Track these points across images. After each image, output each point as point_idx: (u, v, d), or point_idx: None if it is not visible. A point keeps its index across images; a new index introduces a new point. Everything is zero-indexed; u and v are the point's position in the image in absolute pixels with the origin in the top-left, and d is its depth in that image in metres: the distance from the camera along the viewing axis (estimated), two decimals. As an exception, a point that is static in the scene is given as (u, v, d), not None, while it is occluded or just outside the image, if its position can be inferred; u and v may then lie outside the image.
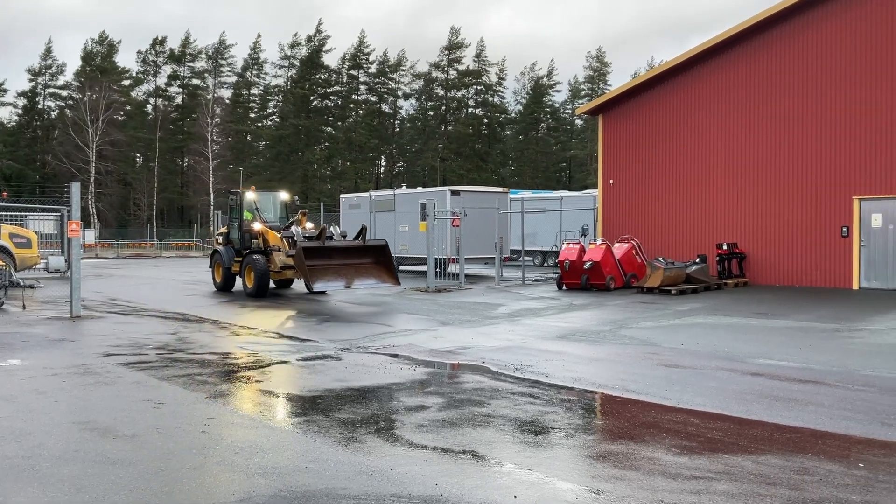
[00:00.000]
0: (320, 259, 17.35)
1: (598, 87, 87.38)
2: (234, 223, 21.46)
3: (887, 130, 19.04)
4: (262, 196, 21.89)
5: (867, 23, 19.49)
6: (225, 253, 21.25)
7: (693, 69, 23.11)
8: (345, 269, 17.56)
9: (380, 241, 18.83)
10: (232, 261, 20.96)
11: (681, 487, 5.19)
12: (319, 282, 16.98)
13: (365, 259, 18.09)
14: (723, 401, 7.97)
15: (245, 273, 19.91)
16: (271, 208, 22.18)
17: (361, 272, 17.75)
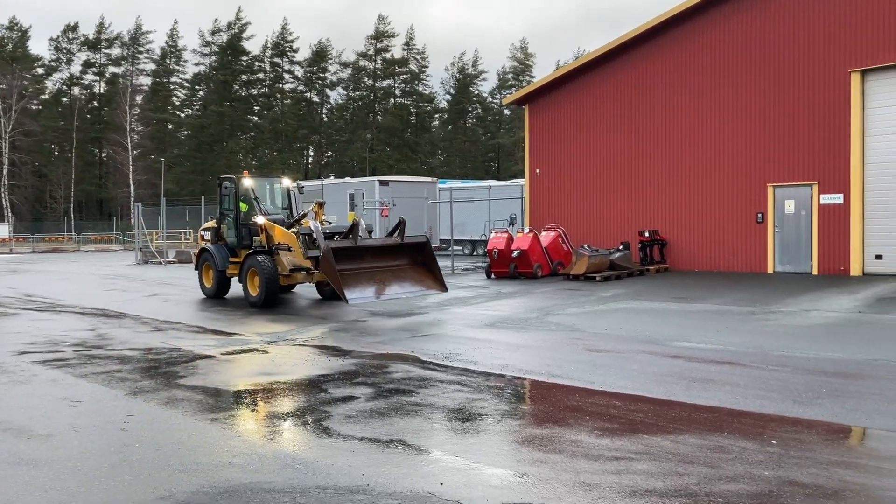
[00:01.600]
0: (351, 262, 13.60)
1: (525, 78, 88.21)
2: (228, 216, 17.45)
3: (798, 120, 19.80)
4: (259, 182, 17.95)
5: (780, 15, 20.18)
6: (217, 253, 17.22)
7: (615, 60, 23.54)
8: (380, 273, 13.97)
9: (419, 237, 14.93)
10: (227, 262, 17.11)
11: (602, 468, 5.32)
12: (354, 290, 13.17)
13: (401, 260, 14.46)
14: (644, 383, 8.18)
15: (247, 278, 15.84)
16: (270, 197, 18.19)
17: (400, 276, 14.16)
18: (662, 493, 4.80)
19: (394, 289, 13.79)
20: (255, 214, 16.49)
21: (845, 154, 18.93)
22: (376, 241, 14.38)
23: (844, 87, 18.92)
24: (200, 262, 17.97)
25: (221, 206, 17.62)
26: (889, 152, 18.43)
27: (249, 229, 16.73)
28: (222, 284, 17.38)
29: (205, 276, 17.89)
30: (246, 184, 17.09)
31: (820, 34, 19.37)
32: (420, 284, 14.23)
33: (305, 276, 15.82)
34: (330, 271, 13.16)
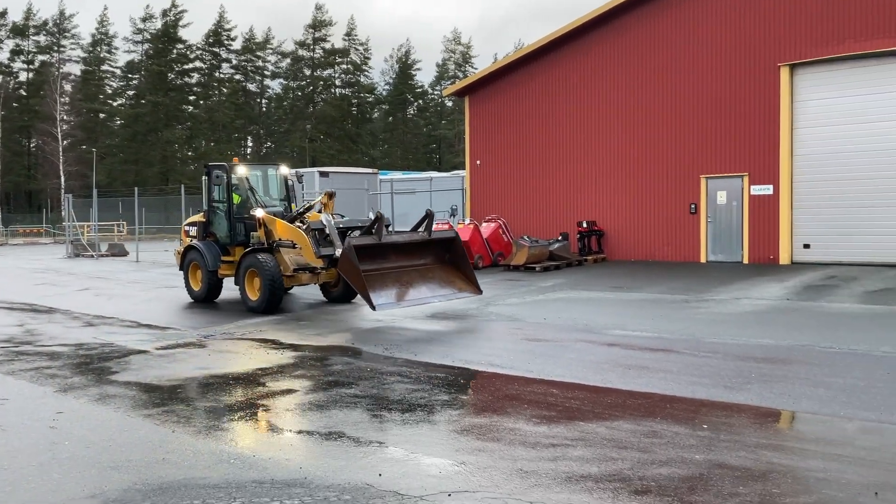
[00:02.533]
0: (373, 261, 11.96)
1: (466, 69, 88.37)
2: (219, 209, 15.19)
3: (731, 113, 20.31)
4: (253, 171, 15.70)
5: (715, 9, 20.64)
6: (207, 251, 14.89)
7: (554, 52, 23.75)
8: (406, 273, 12.38)
9: (448, 232, 13.28)
10: (218, 261, 14.90)
11: (539, 455, 5.39)
12: (379, 294, 11.56)
13: (427, 258, 12.92)
14: (581, 371, 8.31)
15: (245, 280, 13.72)
16: (264, 187, 15.76)
17: (427, 277, 12.61)
18: (597, 479, 4.89)
19: (422, 292, 12.21)
20: (252, 207, 14.47)
21: (775, 146, 19.49)
22: (402, 236, 12.78)
23: (774, 81, 19.46)
24: (186, 262, 15.54)
25: (210, 198, 15.35)
26: (816, 144, 19.05)
27: (245, 224, 14.63)
28: (213, 286, 15.06)
29: (192, 277, 15.48)
30: (240, 172, 14.89)
31: (751, 29, 19.87)
32: (450, 286, 12.68)
33: (311, 276, 13.86)
34: (352, 272, 11.43)
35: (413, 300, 12.01)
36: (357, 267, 11.35)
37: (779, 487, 4.68)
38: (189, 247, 15.47)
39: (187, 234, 16.12)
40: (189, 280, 15.53)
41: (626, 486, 4.74)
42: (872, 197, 18.21)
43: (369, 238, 12.10)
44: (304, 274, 13.71)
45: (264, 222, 13.78)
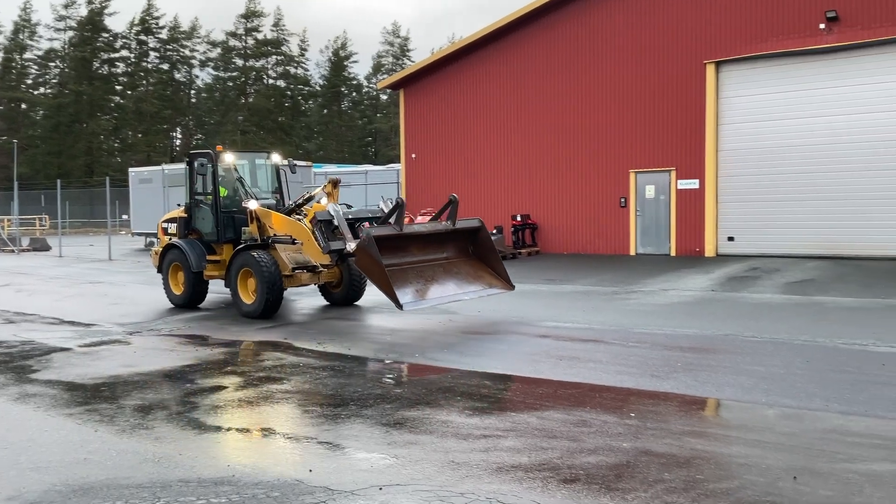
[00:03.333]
0: (393, 255, 10.74)
1: (402, 62, 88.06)
2: (203, 203, 13.44)
3: (659, 108, 20.76)
4: (240, 160, 13.88)
5: (645, 7, 21.04)
6: (191, 250, 13.08)
7: (488, 47, 23.85)
8: (430, 268, 11.19)
9: (472, 221, 11.96)
10: (204, 261, 13.11)
11: (471, 447, 5.42)
12: (405, 292, 10.30)
13: (450, 250, 11.72)
14: (514, 362, 8.39)
15: (238, 281, 12.19)
16: (252, 178, 14.01)
17: (453, 272, 11.36)
18: (527, 468, 4.94)
19: (449, 288, 10.95)
20: (243, 199, 12.95)
21: (701, 142, 20.02)
22: (425, 226, 11.53)
23: (701, 78, 19.97)
24: (166, 263, 13.63)
25: (193, 190, 13.58)
26: (740, 140, 19.64)
27: (234, 218, 13.09)
28: (198, 289, 13.31)
29: (172, 279, 13.60)
30: (227, 160, 13.26)
31: (679, 27, 20.34)
32: (479, 281, 11.44)
33: (310, 275, 12.46)
34: (373, 267, 10.13)
35: (440, 297, 10.75)
36: (379, 261, 10.02)
37: (702, 473, 4.81)
38: (169, 246, 13.56)
39: (165, 231, 14.21)
40: (169, 283, 13.64)
41: (556, 475, 4.80)
42: (793, 191, 18.88)
43: (389, 228, 10.73)
44: (303, 273, 12.30)
45: (258, 216, 12.34)
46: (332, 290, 13.50)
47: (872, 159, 17.80)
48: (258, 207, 12.37)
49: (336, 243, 11.13)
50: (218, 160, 13.17)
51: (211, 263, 13.15)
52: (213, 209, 13.23)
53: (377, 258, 10.03)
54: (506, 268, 11.82)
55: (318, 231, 11.25)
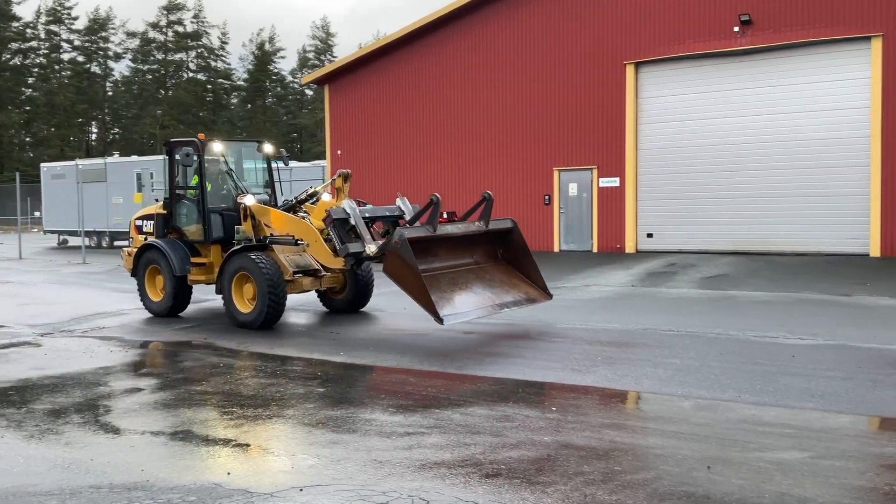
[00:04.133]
0: (422, 259, 9.41)
1: (327, 58, 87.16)
2: (187, 198, 11.98)
3: (581, 108, 21.12)
4: (230, 149, 12.38)
5: (566, 8, 21.37)
6: (172, 251, 11.65)
7: (414, 44, 23.82)
8: (462, 274, 10.03)
9: (504, 221, 10.92)
10: (188, 264, 11.66)
11: (394, 445, 5.39)
12: (442, 301, 9.10)
13: (479, 254, 10.61)
14: (439, 359, 8.39)
15: (232, 286, 10.80)
16: (239, 170, 12.51)
17: (485, 279, 10.20)
18: (450, 465, 4.95)
19: (485, 298, 9.76)
20: (236, 194, 11.65)
21: (621, 140, 20.47)
22: (457, 227, 10.21)
23: (621, 79, 20.42)
24: (142, 266, 12.10)
25: (173, 184, 12.09)
26: (659, 139, 20.17)
27: (223, 216, 11.71)
28: (180, 296, 11.84)
29: (150, 285, 12.10)
30: (215, 150, 11.81)
31: (601, 27, 20.73)
32: (516, 290, 10.25)
33: (312, 280, 11.15)
34: (407, 274, 8.95)
35: (478, 309, 9.52)
36: (415, 267, 8.87)
37: (620, 465, 4.91)
38: (146, 246, 12.01)
39: (140, 230, 12.67)
40: (146, 289, 12.07)
41: (478, 471, 4.82)
42: (708, 189, 19.50)
43: (423, 230, 9.58)
44: (304, 278, 10.97)
45: (253, 213, 11.07)
46: (334, 297, 12.15)
47: (782, 159, 18.53)
48: (255, 204, 11.13)
49: (354, 245, 9.86)
50: (205, 150, 11.68)
51: (195, 266, 11.68)
52: (198, 205, 11.71)
53: (412, 263, 8.85)
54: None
55: (333, 231, 9.94)
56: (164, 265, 11.73)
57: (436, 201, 9.57)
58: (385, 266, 9.20)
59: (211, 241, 11.69)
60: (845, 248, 17.63)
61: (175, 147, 12.00)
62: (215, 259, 11.62)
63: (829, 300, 12.01)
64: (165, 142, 12.59)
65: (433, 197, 9.64)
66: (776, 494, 4.34)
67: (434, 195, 9.68)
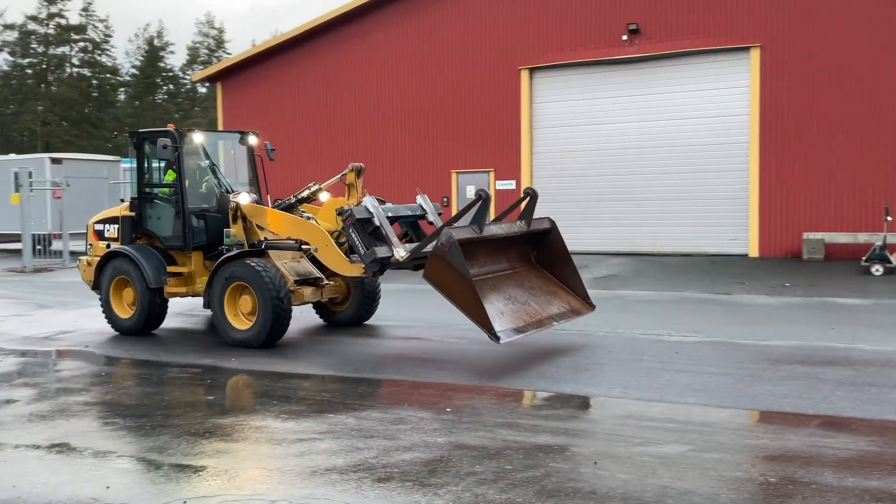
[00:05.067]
0: (471, 263, 8.22)
1: (220, 54, 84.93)
2: (161, 198, 10.41)
3: (479, 112, 21.36)
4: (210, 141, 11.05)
5: (464, 13, 21.57)
6: (145, 259, 10.02)
7: (307, 44, 23.48)
8: (501, 281, 8.85)
9: (542, 220, 9.57)
10: (164, 274, 10.04)
11: (285, 452, 5.29)
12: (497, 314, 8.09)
13: (513, 258, 9.37)
14: (334, 363, 8.29)
15: (225, 298, 9.27)
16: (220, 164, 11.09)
17: (526, 287, 9.06)
18: (342, 470, 4.89)
19: (533, 309, 8.67)
20: (234, 192, 10.13)
21: (517, 144, 20.83)
22: (500, 227, 9.02)
23: (516, 84, 20.77)
24: (107, 277, 10.37)
25: (143, 181, 10.53)
26: (552, 143, 20.63)
27: (206, 218, 10.20)
28: (155, 311, 10.20)
29: (116, 299, 10.38)
30: (196, 141, 10.40)
31: (497, 33, 21.01)
32: (558, 300, 9.18)
33: (314, 290, 9.79)
34: (455, 282, 7.80)
35: (531, 323, 8.40)
36: (466, 274, 7.73)
37: (511, 463, 4.97)
38: (111, 254, 10.35)
39: (100, 235, 11.01)
40: (112, 304, 10.36)
41: (371, 475, 4.78)
42: (600, 192, 20.09)
43: (467, 230, 8.36)
44: (306, 288, 9.62)
45: (245, 213, 9.74)
46: (335, 308, 10.80)
47: (669, 163, 19.28)
48: (249, 203, 9.81)
49: (381, 249, 8.69)
50: (185, 141, 10.21)
51: (172, 277, 10.14)
52: (176, 206, 10.13)
53: (463, 270, 7.75)
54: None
55: (354, 233, 8.66)
56: (135, 276, 10.03)
57: (485, 197, 8.44)
58: (427, 271, 8.05)
59: (193, 247, 10.12)
60: (727, 249, 18.52)
61: (145, 138, 10.56)
62: (196, 268, 10.16)
63: (711, 298, 12.59)
64: (132, 132, 11.12)
65: (482, 192, 8.48)
66: (658, 488, 4.50)
67: (483, 191, 8.52)
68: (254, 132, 11.34)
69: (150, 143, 10.45)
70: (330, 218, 9.79)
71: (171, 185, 10.28)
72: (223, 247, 9.76)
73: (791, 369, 7.51)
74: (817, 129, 17.41)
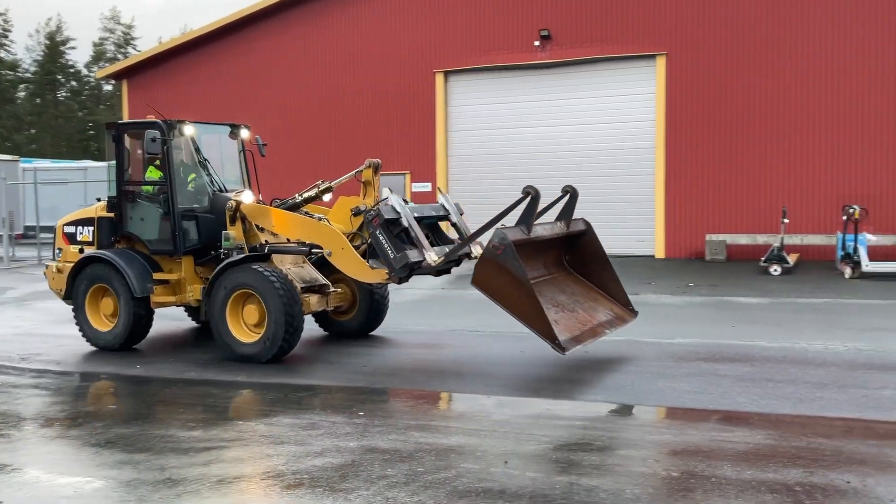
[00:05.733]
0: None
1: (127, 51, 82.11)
2: (144, 197, 9.43)
3: (395, 115, 21.34)
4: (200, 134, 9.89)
5: (379, 15, 21.50)
6: (127, 264, 8.95)
7: (220, 42, 22.97)
8: (544, 286, 8.16)
9: (576, 222, 9.05)
10: (150, 281, 8.98)
11: (191, 461, 5.14)
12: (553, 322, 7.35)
13: (549, 262, 8.75)
14: (244, 369, 8.11)
15: (227, 308, 8.35)
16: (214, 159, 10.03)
17: (568, 293, 8.44)
18: (250, 478, 4.80)
19: (583, 316, 8.09)
20: (240, 191, 9.49)
21: (432, 146, 20.91)
22: (545, 228, 8.41)
23: (431, 87, 20.85)
24: (82, 286, 9.26)
25: (123, 177, 9.48)
26: (468, 146, 20.78)
27: (197, 219, 9.19)
28: (140, 323, 9.09)
29: (93, 310, 9.26)
30: (187, 133, 9.42)
31: (413, 35, 21.04)
32: (601, 307, 8.56)
33: (319, 299, 9.00)
34: (511, 289, 7.23)
35: (587, 332, 7.83)
36: (525, 280, 7.17)
37: (423, 465, 4.98)
38: (87, 260, 9.24)
39: (71, 238, 9.89)
40: (88, 315, 9.24)
41: (280, 482, 4.71)
42: (515, 195, 20.26)
43: (516, 231, 7.72)
44: (312, 296, 8.87)
45: (246, 214, 8.91)
46: (338, 318, 9.91)
47: (578, 167, 19.66)
48: (252, 203, 9.05)
49: (413, 253, 7.99)
50: (175, 132, 9.27)
51: (159, 284, 9.08)
52: (164, 206, 9.15)
53: (521, 275, 7.13)
54: None
55: (382, 235, 7.96)
56: (116, 284, 8.95)
57: (534, 194, 7.83)
58: (477, 277, 7.43)
59: (184, 252, 9.10)
60: (634, 250, 19.04)
61: (125, 129, 9.60)
62: (187, 274, 9.15)
63: (620, 299, 12.93)
64: (111, 124, 9.92)
65: (530, 189, 7.88)
66: (566, 485, 4.58)
67: (532, 187, 7.96)
68: (245, 125, 10.52)
69: (132, 136, 9.52)
70: (343, 219, 9.04)
71: (158, 182, 9.24)
72: (222, 251, 8.82)
73: (693, 366, 7.79)
74: (719, 133, 18.13)
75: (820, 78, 17.30)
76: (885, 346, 8.43)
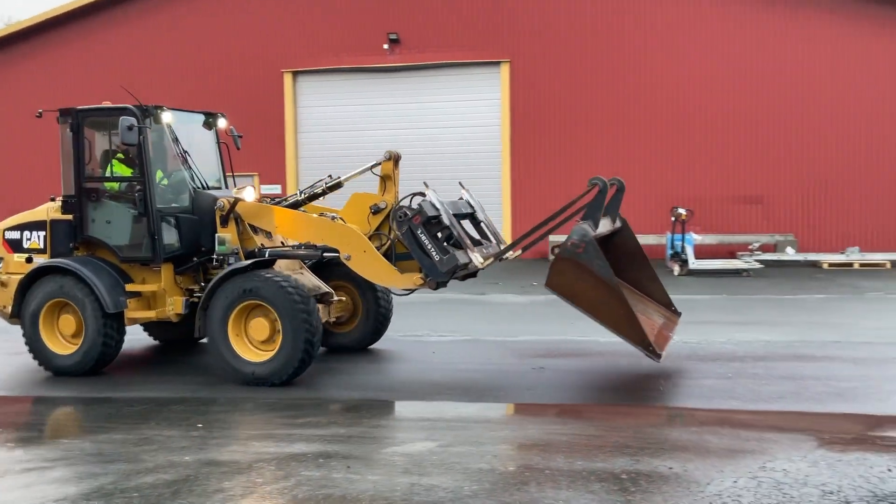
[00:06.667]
0: None
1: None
2: (112, 196, 8.16)
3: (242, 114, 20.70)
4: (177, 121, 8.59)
5: (221, 8, 20.83)
6: (96, 276, 7.66)
7: (52, 33, 21.53)
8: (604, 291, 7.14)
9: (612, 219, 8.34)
10: (123, 294, 7.77)
11: (9, 485, 4.77)
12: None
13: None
14: (74, 384, 7.64)
15: (230, 324, 7.30)
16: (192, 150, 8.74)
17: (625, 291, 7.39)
18: (74, 499, 4.51)
19: (647, 321, 7.32)
20: (241, 187, 8.33)
21: (281, 147, 20.52)
22: (603, 223, 7.62)
23: (279, 87, 20.46)
24: (34, 302, 7.87)
25: (83, 172, 8.18)
26: (318, 148, 20.55)
27: (178, 220, 8.03)
28: (110, 343, 7.79)
29: (49, 332, 7.91)
30: (165, 120, 8.23)
31: (257, 35, 20.52)
32: (651, 308, 8.00)
33: (323, 308, 8.00)
34: (596, 292, 6.62)
35: (660, 337, 7.30)
36: (611, 281, 6.59)
37: (262, 476, 4.87)
38: (42, 269, 7.92)
39: (16, 245, 8.39)
40: (42, 337, 7.87)
41: (106, 502, 4.46)
42: (365, 197, 20.35)
43: (592, 225, 6.95)
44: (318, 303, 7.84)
45: (242, 214, 7.91)
46: (338, 330, 8.95)
47: (426, 171, 19.59)
48: (252, 202, 8.07)
49: (461, 254, 7.19)
50: (152, 119, 8.11)
51: (131, 298, 7.88)
52: (139, 205, 7.88)
53: (606, 275, 6.52)
54: None
55: (424, 236, 7.11)
56: (82, 299, 7.67)
57: (602, 187, 7.10)
58: (553, 279, 6.81)
59: (164, 259, 7.91)
60: (484, 251, 19.55)
61: (89, 117, 8.31)
62: (166, 285, 7.96)
63: (468, 299, 13.19)
64: (66, 110, 8.43)
65: (597, 181, 7.10)
66: (406, 486, 4.63)
67: (599, 178, 7.17)
68: (222, 113, 9.49)
69: (93, 125, 8.37)
70: (359, 218, 8.21)
71: (131, 178, 8.05)
72: (218, 256, 7.75)
73: (533, 362, 8.09)
74: (558, 138, 18.95)
75: (648, 88, 18.48)
76: (708, 338, 9.09)
